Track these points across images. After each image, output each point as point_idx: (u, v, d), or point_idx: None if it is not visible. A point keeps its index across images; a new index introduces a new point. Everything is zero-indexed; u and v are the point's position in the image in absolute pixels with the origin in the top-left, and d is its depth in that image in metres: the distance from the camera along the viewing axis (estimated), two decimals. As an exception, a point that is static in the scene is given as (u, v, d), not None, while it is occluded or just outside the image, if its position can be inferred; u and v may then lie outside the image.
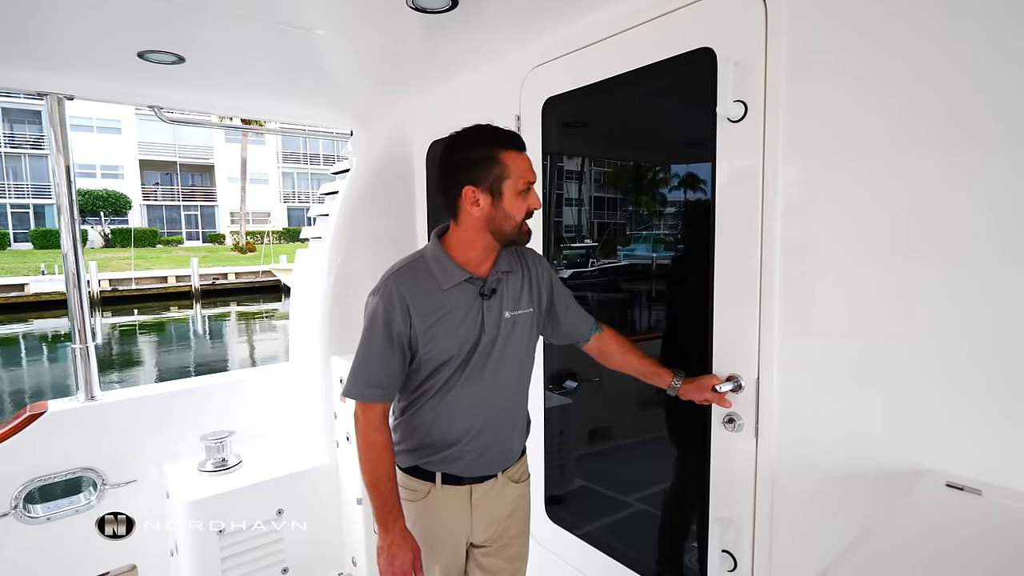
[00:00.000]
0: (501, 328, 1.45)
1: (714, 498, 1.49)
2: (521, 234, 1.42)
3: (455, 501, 1.50)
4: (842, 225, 1.20)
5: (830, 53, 1.19)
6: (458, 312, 1.40)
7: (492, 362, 1.44)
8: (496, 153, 1.35)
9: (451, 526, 1.51)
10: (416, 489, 1.49)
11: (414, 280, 1.39)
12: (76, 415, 2.34)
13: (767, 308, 1.32)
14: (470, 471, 1.49)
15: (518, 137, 1.41)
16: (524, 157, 1.40)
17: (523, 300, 1.51)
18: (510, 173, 1.36)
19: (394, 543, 1.40)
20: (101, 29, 1.77)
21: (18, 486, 2.20)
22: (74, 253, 2.34)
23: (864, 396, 1.18)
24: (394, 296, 1.36)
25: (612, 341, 1.63)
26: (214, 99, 2.62)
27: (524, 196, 1.38)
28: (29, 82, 2.17)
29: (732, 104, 1.33)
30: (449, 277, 1.40)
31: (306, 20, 1.74)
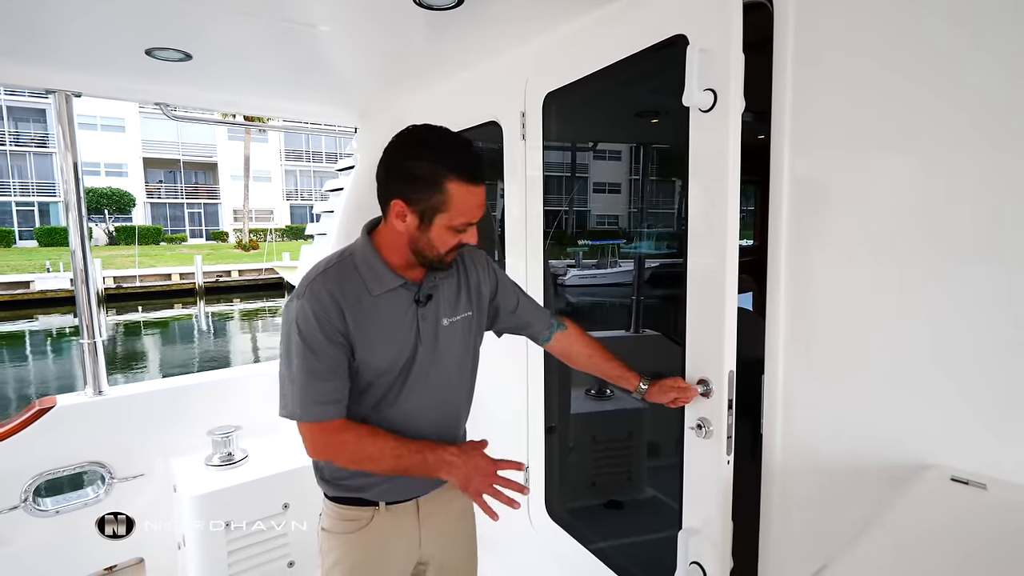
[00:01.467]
0: (440, 337, 1.33)
1: (686, 507, 1.44)
2: (442, 263, 1.26)
3: (401, 520, 1.37)
4: (848, 221, 1.20)
5: (836, 50, 1.19)
6: (391, 321, 1.26)
7: (432, 373, 1.32)
8: (443, 181, 1.16)
9: (398, 551, 1.38)
10: (355, 519, 1.34)
11: (343, 284, 1.23)
12: (84, 410, 2.36)
13: (772, 302, 1.33)
14: (416, 487, 1.37)
15: (478, 165, 1.21)
16: (475, 192, 1.20)
17: (461, 304, 1.38)
18: (449, 207, 1.18)
19: (453, 459, 1.24)
20: (109, 26, 1.78)
21: (27, 480, 2.22)
22: (82, 250, 2.35)
23: (868, 392, 1.19)
24: (324, 297, 1.19)
25: (578, 341, 1.53)
26: (220, 96, 2.63)
27: (457, 233, 1.22)
28: (37, 79, 2.18)
29: (700, 93, 1.26)
30: (381, 282, 1.25)
31: (312, 17, 1.75)
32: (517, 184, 2.12)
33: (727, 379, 1.29)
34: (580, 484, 2.45)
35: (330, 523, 1.37)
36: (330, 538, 1.36)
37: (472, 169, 1.19)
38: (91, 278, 2.40)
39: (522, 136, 2.04)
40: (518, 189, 2.12)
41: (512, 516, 2.25)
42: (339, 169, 3.03)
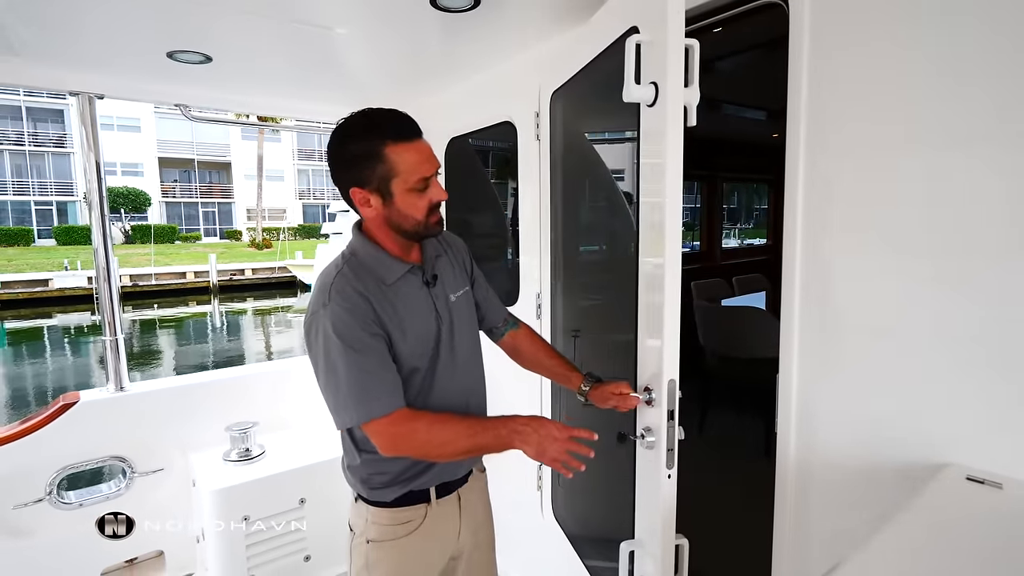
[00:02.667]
0: (452, 313, 1.36)
1: (637, 518, 1.39)
2: (428, 229, 1.28)
3: (448, 514, 1.39)
4: (864, 220, 1.20)
5: (851, 48, 1.19)
6: (413, 305, 1.28)
7: (456, 348, 1.35)
8: (380, 148, 1.18)
9: (444, 547, 1.40)
10: (408, 520, 1.34)
11: (362, 279, 1.23)
12: (106, 405, 2.41)
13: (787, 300, 1.33)
14: (460, 467, 1.39)
15: (408, 123, 1.22)
16: (416, 147, 1.21)
17: (458, 280, 1.43)
18: (398, 171, 1.19)
19: (525, 428, 1.21)
20: (133, 30, 1.82)
21: (52, 473, 2.27)
22: (104, 248, 2.40)
23: (883, 391, 1.19)
24: (352, 295, 1.19)
25: (526, 339, 1.56)
26: (237, 97, 2.67)
27: (421, 192, 1.23)
28: (62, 82, 2.23)
29: (641, 87, 1.22)
30: (392, 271, 1.27)
31: (330, 19, 1.77)
32: (531, 184, 2.14)
33: (667, 388, 1.22)
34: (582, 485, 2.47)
35: (380, 532, 1.33)
36: (379, 548, 1.32)
37: (402, 127, 1.21)
38: (113, 276, 2.45)
39: (536, 136, 2.06)
40: (532, 189, 2.13)
41: (524, 514, 2.28)
42: (354, 169, 3.06)
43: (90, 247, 3.00)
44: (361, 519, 1.35)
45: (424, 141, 1.24)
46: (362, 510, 1.35)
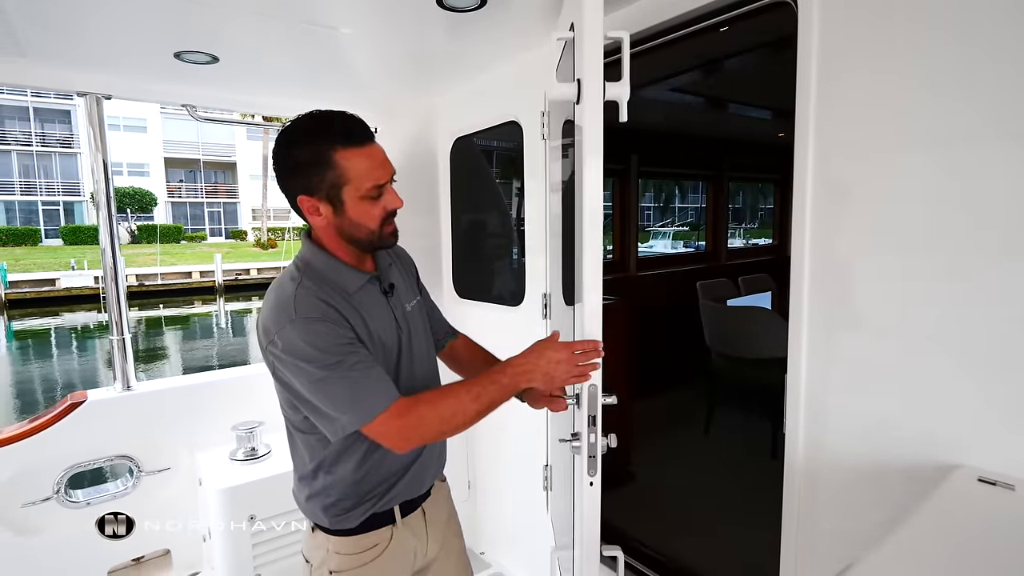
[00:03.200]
0: (410, 322, 1.32)
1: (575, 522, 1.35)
2: (383, 239, 1.21)
3: (414, 531, 1.34)
4: (873, 221, 1.20)
5: (861, 47, 1.19)
6: (376, 315, 1.23)
7: (414, 358, 1.32)
8: (329, 154, 1.11)
9: (409, 564, 1.34)
10: (374, 545, 1.28)
11: (324, 291, 1.16)
12: (114, 404, 2.42)
13: (796, 301, 1.33)
14: (423, 483, 1.35)
15: (359, 126, 1.15)
16: (368, 152, 1.14)
17: (411, 290, 1.40)
18: (349, 178, 1.12)
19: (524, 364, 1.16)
20: (141, 31, 1.82)
21: (60, 471, 2.28)
22: (111, 248, 2.41)
23: (893, 391, 1.18)
24: (319, 305, 1.13)
25: (465, 347, 1.55)
26: (243, 97, 2.68)
27: (375, 200, 1.16)
28: (70, 82, 2.24)
29: (563, 85, 1.21)
30: (351, 280, 1.22)
31: (336, 19, 1.77)
32: (537, 183, 2.14)
33: (587, 393, 1.21)
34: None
35: (343, 561, 1.26)
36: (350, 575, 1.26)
37: (352, 130, 1.14)
38: (120, 276, 2.46)
39: (543, 136, 2.06)
40: (538, 188, 2.13)
41: (532, 513, 2.28)
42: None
43: (96, 247, 3.03)
44: (321, 550, 1.28)
45: (377, 145, 1.17)
46: (321, 540, 1.28)
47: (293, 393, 1.17)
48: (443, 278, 2.92)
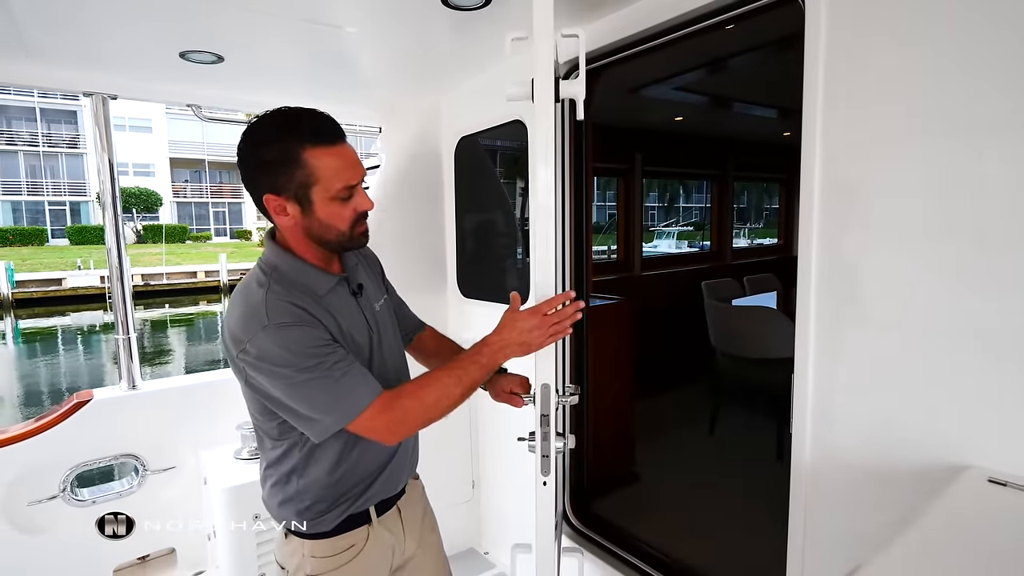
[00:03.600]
0: (380, 323, 1.31)
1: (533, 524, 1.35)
2: (354, 240, 1.19)
3: (391, 530, 1.34)
4: (881, 219, 1.19)
5: (869, 43, 1.18)
6: (347, 316, 1.22)
7: (385, 357, 1.30)
8: (298, 152, 1.08)
9: (386, 563, 1.33)
10: (351, 546, 1.26)
11: (294, 294, 1.14)
12: (119, 403, 2.43)
13: (803, 301, 1.32)
14: (398, 482, 1.34)
15: (329, 124, 1.12)
16: (338, 152, 1.11)
17: (378, 290, 1.39)
18: (318, 178, 1.09)
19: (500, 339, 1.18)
20: (146, 30, 1.83)
21: (66, 470, 2.29)
22: (117, 248, 2.41)
23: (901, 391, 1.17)
24: (290, 309, 1.10)
25: (430, 339, 1.55)
26: (249, 97, 2.68)
27: (345, 201, 1.13)
28: (76, 82, 2.25)
29: (516, 86, 1.23)
30: (321, 283, 1.19)
31: (341, 18, 1.77)
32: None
33: (539, 393, 1.21)
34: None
35: (318, 565, 1.24)
36: None
37: (322, 128, 1.11)
38: (126, 276, 2.46)
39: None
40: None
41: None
42: (365, 168, 3.07)
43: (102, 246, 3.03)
44: (296, 555, 1.26)
45: (348, 145, 1.14)
46: (296, 545, 1.26)
47: (270, 399, 1.14)
48: (447, 278, 2.91)
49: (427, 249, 2.89)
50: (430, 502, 1.55)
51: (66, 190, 30.36)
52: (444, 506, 2.68)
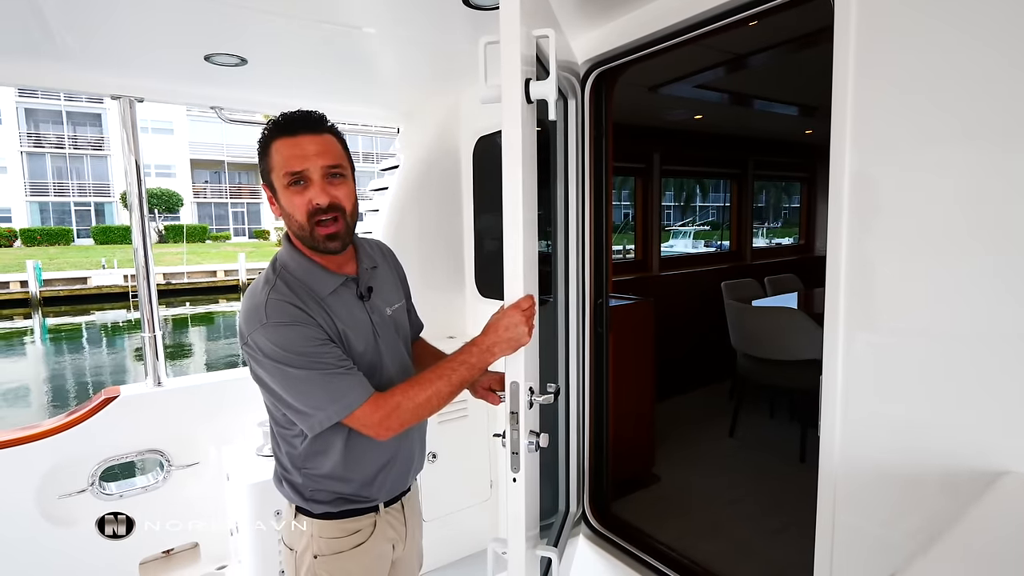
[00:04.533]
0: (388, 327, 1.34)
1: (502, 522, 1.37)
2: (315, 240, 1.19)
3: (394, 523, 1.38)
4: (912, 220, 1.16)
5: (900, 40, 1.16)
6: (349, 318, 1.24)
7: (388, 362, 1.33)
8: (268, 144, 1.18)
9: (388, 556, 1.38)
10: (357, 530, 1.30)
11: (296, 293, 1.18)
12: (145, 400, 2.47)
13: (831, 303, 1.30)
14: (405, 479, 1.39)
15: (298, 119, 1.18)
16: (294, 141, 1.16)
17: (395, 293, 1.42)
18: (272, 165, 1.18)
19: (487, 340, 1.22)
20: (173, 34, 1.86)
21: (94, 464, 2.34)
22: (143, 248, 2.46)
23: (934, 394, 1.15)
24: (289, 309, 1.15)
25: (419, 346, 1.58)
26: (270, 99, 2.71)
27: (297, 190, 1.16)
28: (104, 86, 2.29)
29: (487, 88, 1.24)
30: (324, 283, 1.23)
31: (360, 19, 1.79)
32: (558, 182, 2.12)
33: (509, 390, 1.24)
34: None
35: (327, 545, 1.28)
36: (328, 562, 1.28)
37: (291, 122, 1.17)
38: (151, 275, 2.51)
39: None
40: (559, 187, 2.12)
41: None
42: (383, 169, 3.09)
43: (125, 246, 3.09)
44: (304, 535, 1.30)
45: (308, 137, 1.17)
46: (304, 525, 1.30)
47: (269, 391, 1.21)
48: (466, 277, 2.92)
49: (445, 248, 2.90)
50: (449, 501, 1.57)
51: (91, 191, 31.00)
52: (463, 506, 2.71)
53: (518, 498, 1.27)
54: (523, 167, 1.21)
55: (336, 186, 1.19)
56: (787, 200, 10.12)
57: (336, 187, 1.19)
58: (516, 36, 1.17)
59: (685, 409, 4.04)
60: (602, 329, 2.18)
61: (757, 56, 2.79)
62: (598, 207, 2.12)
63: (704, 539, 2.45)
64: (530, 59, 1.26)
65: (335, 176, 1.19)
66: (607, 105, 2.06)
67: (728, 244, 5.63)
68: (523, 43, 1.19)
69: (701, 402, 4.20)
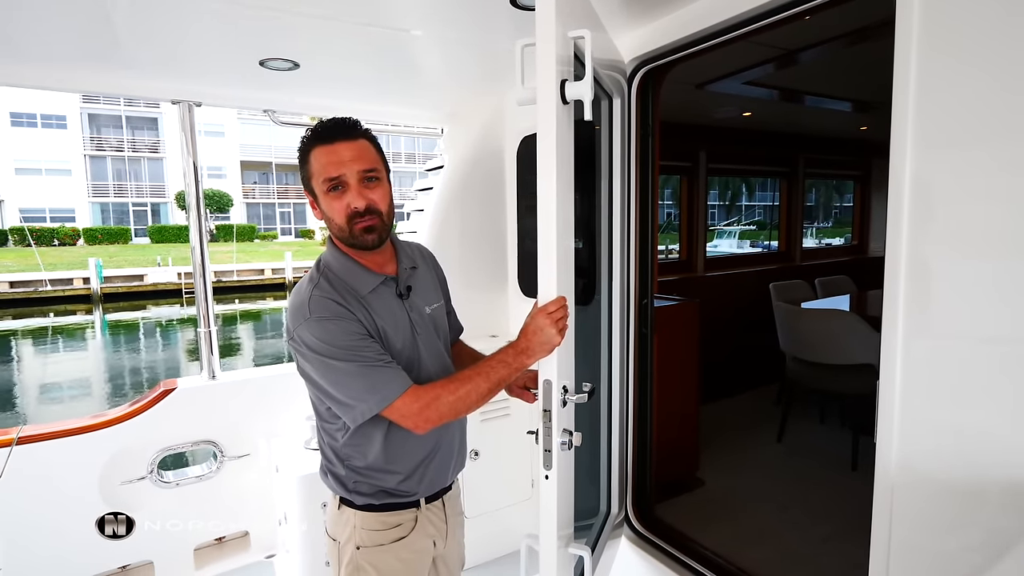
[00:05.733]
0: (427, 325, 1.38)
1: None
2: (355, 237, 1.25)
3: (434, 519, 1.40)
4: (977, 221, 1.11)
5: (968, 31, 1.10)
6: (389, 316, 1.29)
7: (427, 360, 1.36)
8: (307, 152, 1.24)
9: (429, 551, 1.41)
10: (398, 524, 1.34)
11: (337, 291, 1.24)
12: (200, 392, 2.58)
13: (890, 306, 1.25)
14: (446, 476, 1.42)
15: (335, 126, 1.23)
16: (331, 148, 1.22)
17: (435, 294, 1.46)
18: (312, 172, 1.24)
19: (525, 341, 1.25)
20: (231, 41, 1.93)
21: (153, 452, 2.45)
22: (200, 246, 2.56)
23: (998, 402, 1.09)
24: (331, 306, 1.21)
25: (458, 347, 1.62)
26: (320, 101, 2.78)
27: (337, 195, 1.23)
28: (166, 91, 2.40)
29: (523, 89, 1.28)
30: (365, 282, 1.28)
31: (408, 22, 1.82)
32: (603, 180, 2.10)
33: (542, 388, 1.27)
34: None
35: (369, 537, 1.32)
36: (371, 554, 1.32)
37: (328, 129, 1.23)
38: (207, 273, 2.61)
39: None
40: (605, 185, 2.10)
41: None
42: (428, 169, 3.13)
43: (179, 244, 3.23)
44: (348, 526, 1.34)
45: (347, 143, 1.22)
46: (348, 516, 1.34)
47: (313, 384, 1.27)
48: (509, 276, 2.93)
49: (489, 248, 2.92)
50: (491, 499, 1.59)
51: (148, 192, 32.52)
52: (504, 504, 2.72)
53: (550, 495, 1.28)
54: (558, 168, 1.23)
55: (372, 189, 1.25)
56: (838, 199, 9.76)
57: (372, 190, 1.25)
58: (552, 37, 1.19)
59: (731, 413, 3.94)
60: (647, 330, 2.15)
61: (809, 51, 2.70)
62: (644, 206, 2.09)
63: (750, 545, 2.39)
64: (567, 59, 1.27)
65: (371, 180, 1.25)
66: (654, 103, 2.03)
67: (775, 244, 5.47)
68: (558, 44, 1.20)
69: (747, 406, 4.10)
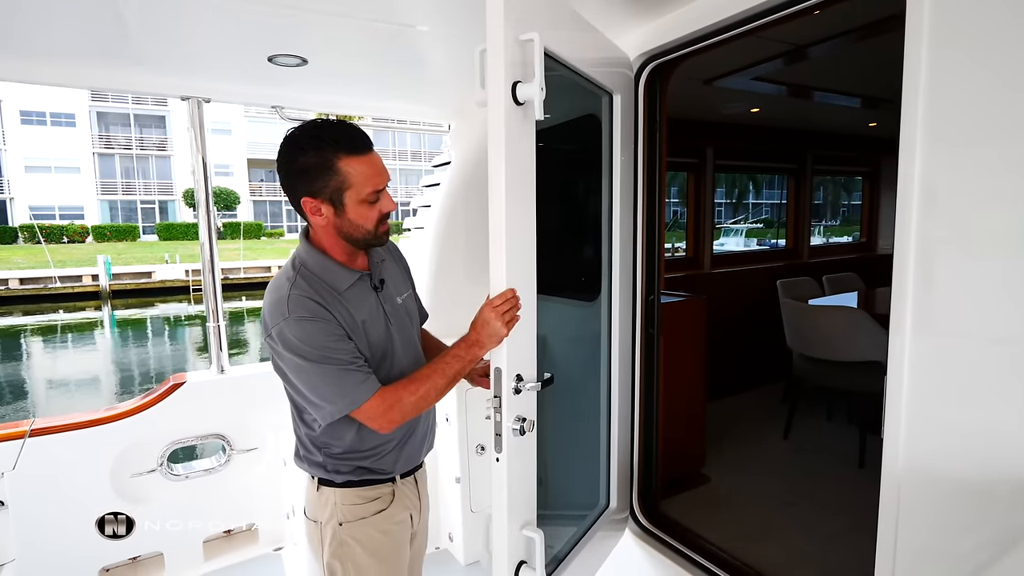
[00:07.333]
0: (400, 315, 1.44)
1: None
2: (378, 238, 1.33)
3: (409, 495, 1.47)
4: (987, 216, 1.10)
5: (979, 25, 1.09)
6: (365, 311, 1.34)
7: (400, 350, 1.41)
8: (333, 161, 1.23)
9: (408, 524, 1.47)
10: (377, 497, 1.40)
11: (315, 290, 1.27)
12: (209, 386, 2.60)
13: (898, 303, 1.24)
14: (418, 455, 1.49)
15: (360, 137, 1.26)
16: (368, 160, 1.26)
17: (404, 283, 1.52)
18: (351, 183, 1.24)
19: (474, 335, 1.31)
20: (240, 37, 1.94)
21: (163, 446, 2.48)
22: (209, 243, 2.58)
23: (1007, 400, 1.09)
24: (309, 305, 1.24)
25: (425, 336, 1.66)
26: (327, 97, 2.79)
27: (372, 204, 1.28)
28: (175, 88, 2.42)
29: (480, 91, 1.31)
30: (342, 279, 1.32)
31: (415, 17, 1.82)
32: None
33: (493, 376, 1.33)
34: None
35: (350, 512, 1.38)
36: (353, 528, 1.37)
37: (355, 140, 1.24)
38: (216, 269, 2.63)
39: (622, 128, 2.02)
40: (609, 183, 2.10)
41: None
42: (435, 165, 3.14)
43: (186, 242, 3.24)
44: (328, 505, 1.38)
45: (375, 154, 1.28)
46: (327, 495, 1.39)
47: (288, 382, 1.32)
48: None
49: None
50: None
51: (155, 190, 32.71)
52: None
53: (500, 477, 1.34)
54: (506, 164, 1.31)
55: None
56: (846, 196, 9.70)
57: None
58: (500, 40, 1.23)
59: (737, 409, 3.94)
60: (653, 326, 2.15)
61: (819, 46, 2.68)
62: (651, 203, 2.09)
63: (755, 541, 2.39)
64: (519, 61, 1.31)
65: None
66: (662, 99, 2.03)
67: (782, 243, 5.45)
68: (507, 46, 1.25)
69: (754, 403, 4.09)
